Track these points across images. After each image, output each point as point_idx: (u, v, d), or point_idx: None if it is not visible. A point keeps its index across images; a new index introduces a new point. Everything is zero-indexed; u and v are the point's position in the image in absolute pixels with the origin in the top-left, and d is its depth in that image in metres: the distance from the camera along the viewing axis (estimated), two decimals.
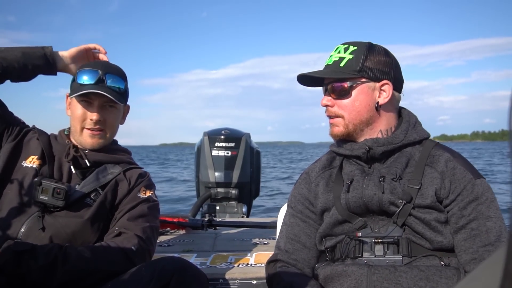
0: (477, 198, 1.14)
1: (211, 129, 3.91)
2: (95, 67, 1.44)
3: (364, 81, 1.21)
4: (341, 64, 1.22)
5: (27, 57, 1.40)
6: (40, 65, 1.43)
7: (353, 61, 1.21)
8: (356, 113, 1.22)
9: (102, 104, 1.43)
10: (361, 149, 1.23)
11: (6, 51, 1.39)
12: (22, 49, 1.42)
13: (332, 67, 1.24)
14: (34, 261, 1.16)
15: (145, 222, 1.39)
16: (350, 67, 1.21)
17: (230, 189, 3.71)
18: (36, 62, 1.42)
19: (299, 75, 1.27)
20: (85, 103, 1.42)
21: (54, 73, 1.49)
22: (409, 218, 1.16)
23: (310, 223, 1.33)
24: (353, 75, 1.21)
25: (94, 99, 1.42)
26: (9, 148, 1.40)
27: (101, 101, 1.42)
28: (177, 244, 2.36)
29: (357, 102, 1.22)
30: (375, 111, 1.23)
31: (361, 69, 1.20)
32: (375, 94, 1.22)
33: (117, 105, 1.46)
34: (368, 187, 1.19)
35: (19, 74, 1.41)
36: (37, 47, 1.46)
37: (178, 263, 1.23)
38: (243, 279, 1.72)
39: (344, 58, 1.22)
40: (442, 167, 1.18)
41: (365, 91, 1.22)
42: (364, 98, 1.22)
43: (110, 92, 1.40)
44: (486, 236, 1.11)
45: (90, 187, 1.40)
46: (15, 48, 1.42)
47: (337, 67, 1.23)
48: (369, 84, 1.22)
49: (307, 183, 1.36)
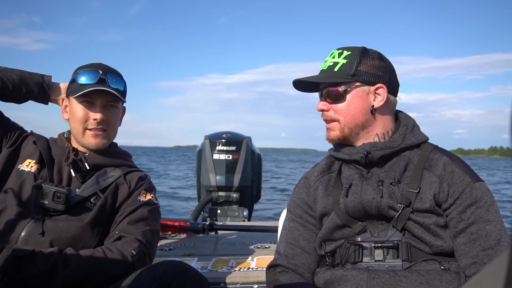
0: (476, 202, 1.14)
1: (212, 133, 3.91)
2: (95, 67, 1.44)
3: (359, 85, 1.22)
4: (335, 69, 1.23)
5: (24, 81, 1.43)
6: (35, 92, 1.46)
7: (347, 65, 1.22)
8: (351, 116, 1.23)
9: (105, 103, 1.43)
10: (359, 154, 1.23)
11: (4, 71, 1.41)
12: (21, 72, 1.45)
13: (327, 72, 1.25)
14: (34, 266, 1.16)
15: (146, 225, 1.39)
16: (344, 72, 1.22)
17: (231, 192, 3.71)
18: (31, 88, 1.45)
19: (294, 80, 1.28)
20: (87, 104, 1.41)
21: (45, 103, 1.52)
22: (408, 222, 1.16)
23: (309, 227, 1.33)
24: (347, 79, 1.22)
25: (97, 99, 1.41)
26: (7, 153, 1.40)
27: (103, 100, 1.42)
28: (178, 248, 2.35)
29: (352, 105, 1.23)
30: (370, 115, 1.23)
31: (355, 73, 1.21)
32: (369, 97, 1.23)
33: (118, 104, 1.47)
34: (366, 191, 1.19)
35: (11, 95, 1.43)
36: (37, 74, 1.49)
37: (179, 267, 1.23)
38: (244, 283, 1.72)
39: (338, 63, 1.23)
40: (440, 171, 1.18)
41: (360, 95, 1.23)
42: (359, 102, 1.22)
43: (114, 90, 1.40)
44: (486, 240, 1.11)
45: (90, 191, 1.40)
46: (14, 70, 1.45)
47: (332, 71, 1.24)
48: (363, 88, 1.23)
49: (306, 188, 1.36)
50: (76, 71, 1.45)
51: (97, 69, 1.43)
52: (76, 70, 1.46)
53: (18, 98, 1.45)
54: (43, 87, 1.47)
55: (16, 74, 1.43)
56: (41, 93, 1.48)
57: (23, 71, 1.46)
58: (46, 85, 1.48)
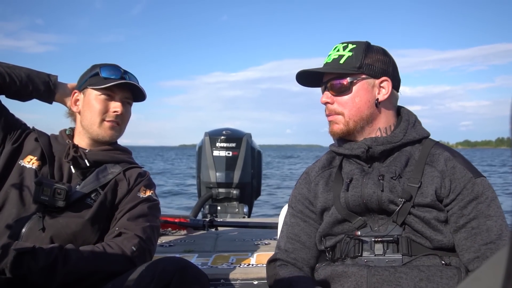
0: (477, 197, 1.14)
1: (212, 130, 3.91)
2: (115, 65, 1.50)
3: (364, 78, 1.22)
4: (341, 61, 1.22)
5: (31, 79, 1.46)
6: (41, 90, 1.48)
7: (352, 58, 1.21)
8: (357, 109, 1.22)
9: (123, 99, 1.48)
10: (360, 148, 1.23)
11: (13, 68, 1.44)
12: (28, 70, 1.47)
13: (332, 64, 1.24)
14: (34, 262, 1.16)
15: (145, 221, 1.39)
16: (350, 64, 1.21)
17: (231, 189, 3.71)
18: (38, 86, 1.48)
19: (298, 71, 1.27)
20: (108, 97, 1.46)
21: (50, 102, 1.54)
22: (409, 216, 1.16)
23: (310, 222, 1.33)
24: (353, 71, 1.21)
25: (117, 94, 1.47)
26: (11, 149, 1.41)
27: (122, 96, 1.48)
28: (178, 244, 2.36)
29: (357, 98, 1.22)
30: (375, 108, 1.23)
31: (360, 65, 1.21)
32: (374, 90, 1.23)
33: (132, 103, 1.53)
34: (367, 185, 1.19)
35: (17, 91, 1.44)
36: (43, 73, 1.52)
37: (179, 264, 1.23)
38: (245, 279, 1.72)
39: (344, 55, 1.23)
40: (442, 166, 1.17)
41: (365, 88, 1.22)
42: (364, 94, 1.22)
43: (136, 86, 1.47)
44: (487, 235, 1.11)
45: (90, 187, 1.40)
46: (22, 67, 1.47)
47: (337, 64, 1.23)
48: (368, 81, 1.22)
49: (307, 183, 1.36)
50: (97, 66, 1.49)
51: (117, 67, 1.49)
52: (96, 65, 1.50)
53: (24, 95, 1.47)
54: (49, 86, 1.50)
55: (24, 71, 1.45)
56: (46, 92, 1.50)
57: (30, 69, 1.49)
58: (52, 84, 1.50)
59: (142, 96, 1.53)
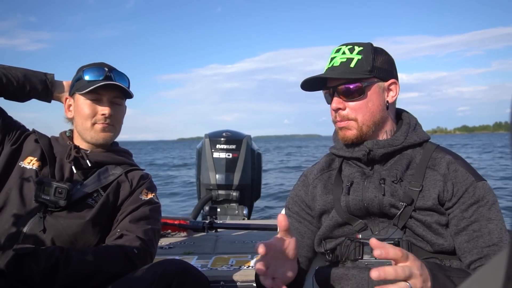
0: (479, 201, 1.14)
1: (212, 131, 3.91)
2: (100, 65, 1.47)
3: (376, 81, 1.20)
4: (352, 65, 1.19)
5: (28, 79, 1.45)
6: (38, 89, 1.48)
7: (363, 61, 1.19)
8: (370, 114, 1.20)
9: (111, 99, 1.45)
10: (361, 151, 1.22)
11: (9, 69, 1.43)
12: (24, 70, 1.47)
13: (342, 68, 1.20)
14: (35, 264, 1.16)
15: (147, 224, 1.39)
16: (362, 68, 1.18)
17: (231, 191, 3.71)
18: (35, 86, 1.47)
19: (309, 78, 1.23)
20: (94, 100, 1.44)
21: (48, 101, 1.54)
22: (410, 220, 1.15)
23: (304, 223, 1.34)
24: (366, 75, 1.19)
25: (104, 95, 1.43)
26: (10, 150, 1.41)
27: (110, 96, 1.44)
28: (178, 246, 2.36)
29: (370, 103, 1.20)
30: (385, 111, 1.22)
31: (372, 69, 1.19)
32: (384, 93, 1.22)
33: (123, 101, 1.49)
34: (368, 189, 1.18)
35: (15, 92, 1.44)
36: (40, 72, 1.51)
37: (179, 266, 1.23)
38: (244, 281, 1.72)
39: (353, 58, 1.20)
40: (444, 170, 1.17)
41: (377, 91, 1.21)
42: (377, 98, 1.21)
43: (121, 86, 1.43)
44: (489, 237, 1.11)
45: (91, 188, 1.41)
46: (18, 68, 1.47)
47: (347, 68, 1.19)
48: (379, 84, 1.21)
49: (305, 186, 1.36)
50: (81, 69, 1.47)
51: (102, 66, 1.45)
52: (81, 68, 1.48)
53: (22, 95, 1.47)
54: (47, 85, 1.49)
55: (20, 72, 1.45)
56: (44, 91, 1.49)
57: (26, 69, 1.48)
58: (49, 83, 1.50)
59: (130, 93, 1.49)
